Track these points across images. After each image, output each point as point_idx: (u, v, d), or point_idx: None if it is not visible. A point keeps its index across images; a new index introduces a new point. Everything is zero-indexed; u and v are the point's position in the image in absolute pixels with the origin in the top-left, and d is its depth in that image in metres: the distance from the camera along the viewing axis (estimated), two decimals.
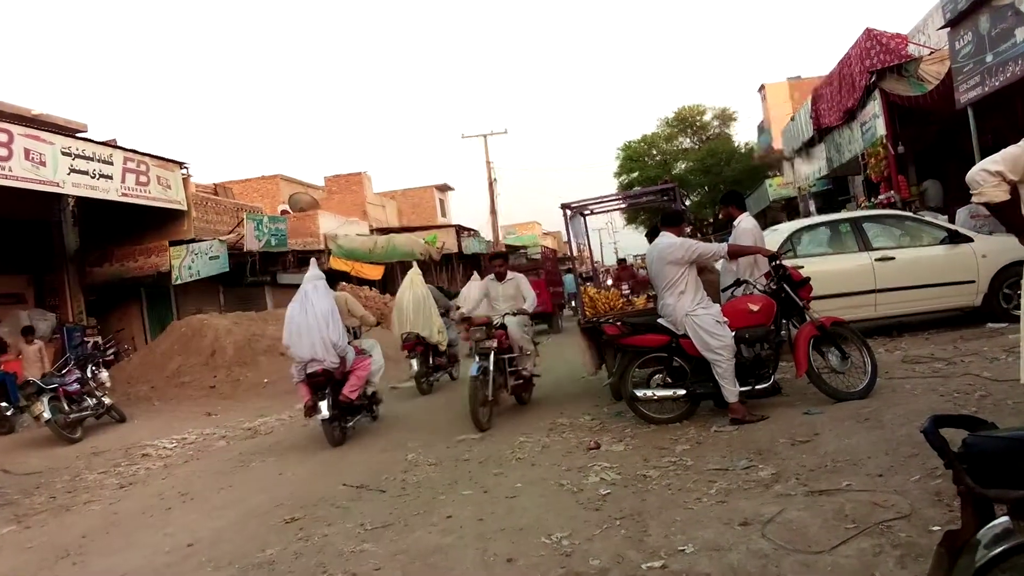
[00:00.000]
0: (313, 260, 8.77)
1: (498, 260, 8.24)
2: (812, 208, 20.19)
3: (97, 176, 12.02)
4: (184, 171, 14.77)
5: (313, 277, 7.23)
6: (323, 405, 6.72)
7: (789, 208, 25.02)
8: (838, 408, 5.26)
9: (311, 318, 6.86)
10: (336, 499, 4.88)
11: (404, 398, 9.61)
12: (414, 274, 10.69)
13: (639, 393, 5.77)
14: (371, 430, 7.45)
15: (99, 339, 12.55)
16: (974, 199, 3.37)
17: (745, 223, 6.64)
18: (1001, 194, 3.24)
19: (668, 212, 6.38)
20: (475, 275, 15.18)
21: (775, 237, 8.53)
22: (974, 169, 3.35)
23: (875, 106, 12.97)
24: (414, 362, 9.74)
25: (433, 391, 9.76)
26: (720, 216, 20.47)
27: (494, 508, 4.21)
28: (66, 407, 9.12)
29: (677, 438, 5.27)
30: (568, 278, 20.88)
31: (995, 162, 3.27)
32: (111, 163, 12.41)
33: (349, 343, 7.21)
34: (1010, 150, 3.32)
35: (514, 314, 7.42)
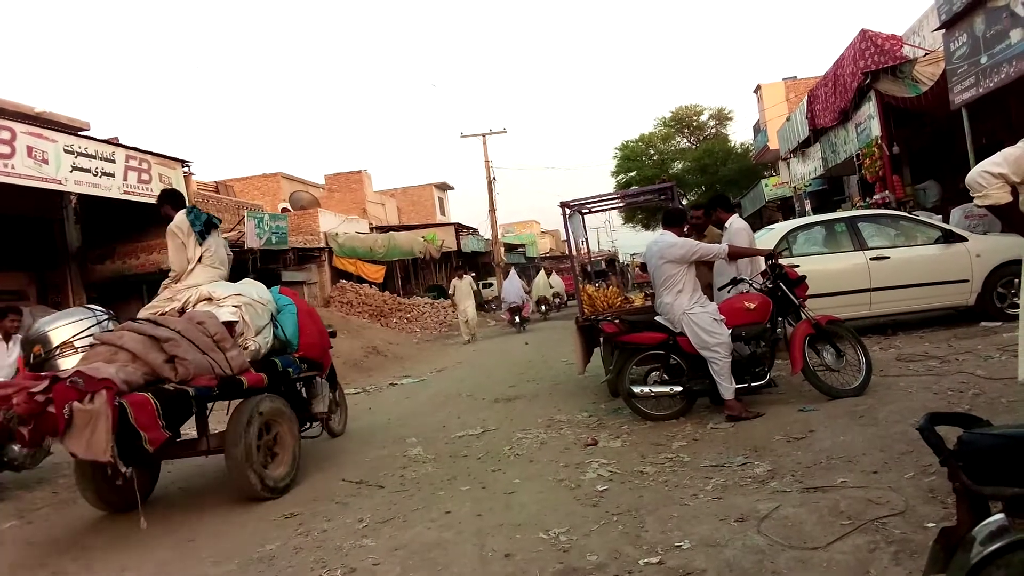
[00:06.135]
0: (514, 266, 27.37)
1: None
2: (807, 208, 20.23)
3: (99, 174, 12.01)
4: (186, 169, 14.74)
5: (515, 270, 22.35)
6: (516, 319, 19.01)
7: (785, 208, 25.08)
8: (833, 405, 5.31)
9: (513, 284, 19.68)
10: (335, 495, 4.90)
11: (536, 323, 21.59)
12: (544, 272, 25.47)
13: (636, 390, 5.82)
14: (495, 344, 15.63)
15: None
16: (977, 201, 3.35)
17: (737, 223, 6.58)
18: (1006, 195, 3.24)
19: (670, 211, 6.32)
20: (542, 272, 26.61)
21: (771, 236, 8.58)
22: (974, 172, 3.33)
23: (870, 107, 13.01)
24: (544, 306, 23.39)
25: (548, 321, 22.34)
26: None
27: (492, 504, 4.24)
28: None
29: (674, 435, 5.31)
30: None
31: (996, 164, 3.26)
32: (113, 161, 12.39)
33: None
34: (1011, 151, 3.30)
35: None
